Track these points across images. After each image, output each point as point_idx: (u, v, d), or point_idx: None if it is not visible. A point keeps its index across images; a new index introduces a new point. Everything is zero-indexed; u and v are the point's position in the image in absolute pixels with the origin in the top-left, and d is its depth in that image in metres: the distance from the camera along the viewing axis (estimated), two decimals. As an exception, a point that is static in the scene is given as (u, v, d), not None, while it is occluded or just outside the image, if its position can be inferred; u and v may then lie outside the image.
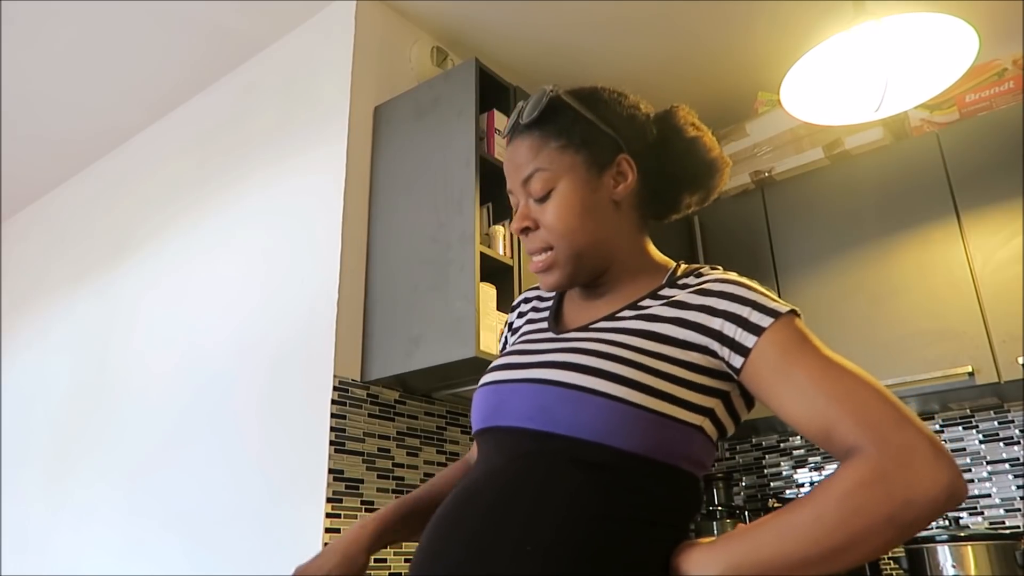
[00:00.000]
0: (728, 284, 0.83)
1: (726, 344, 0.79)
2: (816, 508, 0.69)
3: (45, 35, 2.39)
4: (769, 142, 2.59)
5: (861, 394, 0.73)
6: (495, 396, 0.86)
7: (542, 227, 0.89)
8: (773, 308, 0.79)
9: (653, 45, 2.53)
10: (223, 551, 1.94)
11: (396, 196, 2.04)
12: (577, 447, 0.77)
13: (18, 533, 2.68)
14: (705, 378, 0.80)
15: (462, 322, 1.75)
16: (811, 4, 2.34)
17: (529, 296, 1.07)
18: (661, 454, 0.78)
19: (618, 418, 0.76)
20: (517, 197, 0.93)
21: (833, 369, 0.75)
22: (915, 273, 2.20)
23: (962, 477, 0.69)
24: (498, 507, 0.77)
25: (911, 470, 0.67)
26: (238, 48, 2.49)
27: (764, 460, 2.71)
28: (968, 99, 2.34)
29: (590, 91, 0.94)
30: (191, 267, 2.42)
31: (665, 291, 0.87)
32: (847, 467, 0.70)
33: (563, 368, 0.80)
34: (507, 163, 0.94)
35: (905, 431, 0.70)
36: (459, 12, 2.36)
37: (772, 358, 0.77)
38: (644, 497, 0.77)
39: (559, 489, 0.76)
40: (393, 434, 1.93)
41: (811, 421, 0.74)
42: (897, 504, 0.67)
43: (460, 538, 0.76)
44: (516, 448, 0.81)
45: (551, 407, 0.79)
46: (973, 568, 1.97)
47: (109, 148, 3.03)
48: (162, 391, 2.32)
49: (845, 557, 0.67)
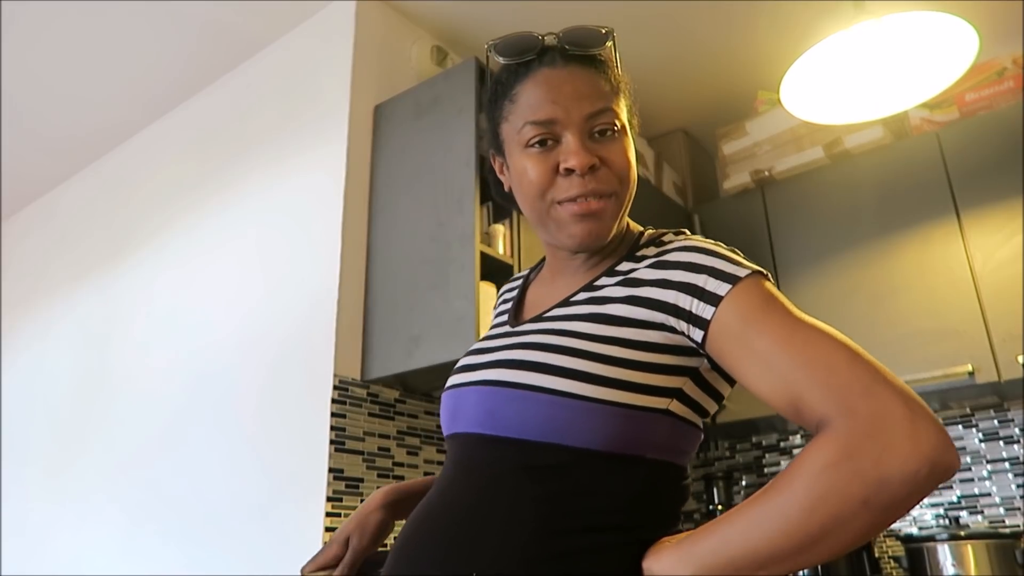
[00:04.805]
0: (686, 252, 0.75)
1: (683, 318, 0.72)
2: (781, 496, 0.62)
3: (46, 35, 2.39)
4: (769, 141, 2.59)
5: (830, 357, 0.64)
6: (452, 401, 0.83)
7: (612, 167, 0.80)
8: (731, 273, 0.71)
9: (653, 45, 2.53)
10: (223, 550, 1.94)
11: (396, 195, 2.04)
12: (527, 451, 0.72)
13: (18, 531, 2.68)
14: (666, 357, 0.73)
15: (462, 321, 1.75)
16: (811, 4, 2.34)
17: (502, 290, 1.03)
18: (621, 446, 0.71)
19: (566, 414, 0.71)
20: (560, 129, 0.80)
21: (800, 331, 0.67)
22: (915, 272, 2.21)
23: (949, 444, 0.60)
24: (448, 529, 0.73)
25: (882, 443, 0.59)
26: (238, 47, 2.49)
27: (764, 459, 2.71)
28: (968, 98, 2.34)
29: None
30: (191, 266, 2.42)
31: (622, 265, 0.80)
32: (813, 445, 0.62)
33: (508, 367, 0.76)
34: (554, 90, 0.81)
35: (876, 397, 0.61)
36: (459, 11, 2.36)
37: (733, 327, 0.69)
38: (607, 499, 0.71)
39: (503, 507, 0.71)
40: (393, 433, 1.93)
41: (777, 393, 0.66)
42: (870, 484, 0.59)
43: (408, 559, 0.74)
44: (469, 459, 0.77)
45: (498, 409, 0.75)
46: (973, 567, 1.97)
47: (110, 147, 3.03)
48: (162, 390, 2.32)
49: (820, 548, 0.60)
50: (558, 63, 0.82)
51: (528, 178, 0.81)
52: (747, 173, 2.62)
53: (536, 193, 0.81)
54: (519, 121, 0.82)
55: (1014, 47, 2.43)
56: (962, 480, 2.34)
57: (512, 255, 1.94)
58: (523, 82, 0.83)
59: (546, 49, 0.84)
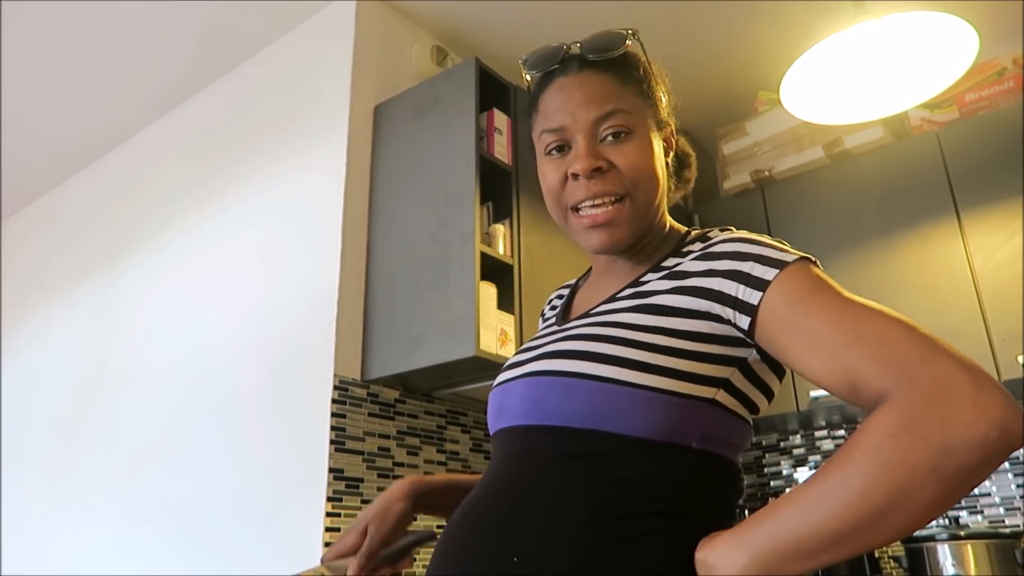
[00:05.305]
0: (731, 243, 0.75)
1: (728, 305, 0.71)
2: (842, 470, 0.59)
3: (46, 35, 2.39)
4: (769, 141, 2.59)
5: (884, 331, 0.62)
6: (498, 397, 0.84)
7: (621, 168, 0.80)
8: (778, 259, 0.70)
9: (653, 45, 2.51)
10: (223, 550, 1.94)
11: (396, 195, 2.04)
12: (569, 439, 0.72)
13: (18, 532, 2.68)
14: (713, 346, 0.72)
15: (462, 321, 1.75)
16: (811, 4, 2.34)
17: (551, 296, 1.05)
18: (665, 434, 0.70)
19: (609, 400, 0.70)
20: (570, 135, 0.82)
21: (851, 309, 0.65)
22: (915, 272, 2.21)
23: (1017, 411, 0.56)
24: (492, 519, 0.73)
25: (945, 409, 0.57)
26: (238, 47, 2.49)
27: (764, 459, 2.71)
28: (968, 98, 2.34)
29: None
30: (191, 266, 2.42)
31: (668, 261, 0.81)
32: (872, 418, 0.60)
33: (553, 357, 0.77)
34: (565, 98, 0.83)
35: (936, 364, 0.59)
36: (459, 11, 2.36)
37: (781, 312, 0.67)
38: (652, 488, 0.69)
39: (546, 496, 0.71)
40: (393, 433, 1.93)
41: (832, 373, 0.64)
42: (935, 451, 0.56)
43: (454, 553, 0.74)
44: (514, 450, 0.78)
45: (542, 398, 0.75)
46: (973, 567, 1.97)
47: (109, 147, 3.03)
48: (162, 391, 2.32)
49: (887, 524, 0.57)
50: (573, 70, 0.85)
51: (546, 184, 0.85)
52: (747, 173, 2.62)
53: (553, 199, 0.85)
54: (539, 130, 0.86)
55: (1014, 47, 2.43)
56: (962, 480, 2.34)
57: (512, 255, 1.94)
58: (544, 92, 0.87)
59: (567, 58, 0.86)
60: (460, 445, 2.10)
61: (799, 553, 0.59)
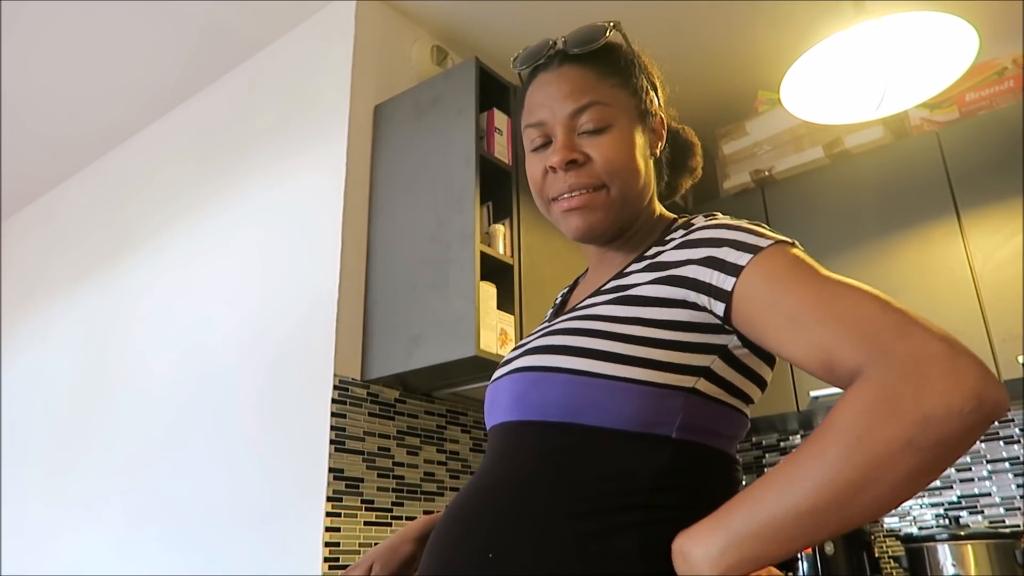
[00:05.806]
0: (709, 229, 0.75)
1: (704, 292, 0.70)
2: (816, 447, 0.58)
3: (46, 35, 2.39)
4: (769, 141, 2.59)
5: (859, 307, 0.61)
6: (490, 395, 0.86)
7: (597, 161, 0.81)
8: (752, 243, 0.69)
9: (653, 45, 2.51)
10: (223, 550, 1.94)
11: (396, 195, 2.04)
12: (549, 433, 0.73)
13: (18, 532, 2.68)
14: (691, 334, 0.71)
15: (462, 321, 1.75)
16: (811, 4, 2.34)
17: (558, 295, 1.05)
18: (643, 425, 0.70)
19: (585, 392, 0.71)
20: (550, 129, 0.84)
21: (828, 287, 0.64)
22: (915, 272, 2.21)
23: (994, 380, 0.55)
24: (471, 517, 0.74)
25: (920, 380, 0.56)
26: (238, 47, 2.49)
27: (764, 459, 2.71)
28: (968, 98, 2.34)
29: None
30: (191, 266, 2.42)
31: (651, 251, 0.80)
32: (848, 394, 0.59)
33: (535, 353, 0.78)
34: (544, 93, 0.85)
35: (911, 337, 0.58)
36: (459, 11, 2.36)
37: (758, 294, 0.67)
38: (629, 479, 0.68)
39: (527, 490, 0.72)
40: (393, 433, 1.93)
41: (808, 353, 0.63)
42: (910, 423, 0.55)
43: (437, 550, 0.75)
44: (502, 446, 0.79)
45: (524, 394, 0.76)
46: (973, 567, 1.97)
47: (109, 147, 3.03)
48: (162, 390, 2.32)
49: (864, 498, 0.56)
50: (554, 65, 0.86)
51: (530, 178, 0.87)
52: (747, 173, 2.62)
53: (536, 192, 0.87)
54: (523, 125, 0.88)
55: (1014, 47, 2.43)
56: (962, 480, 2.34)
57: (512, 255, 1.94)
58: (528, 88, 0.89)
59: (551, 53, 0.87)
60: (460, 445, 2.10)
61: (777, 535, 0.58)
